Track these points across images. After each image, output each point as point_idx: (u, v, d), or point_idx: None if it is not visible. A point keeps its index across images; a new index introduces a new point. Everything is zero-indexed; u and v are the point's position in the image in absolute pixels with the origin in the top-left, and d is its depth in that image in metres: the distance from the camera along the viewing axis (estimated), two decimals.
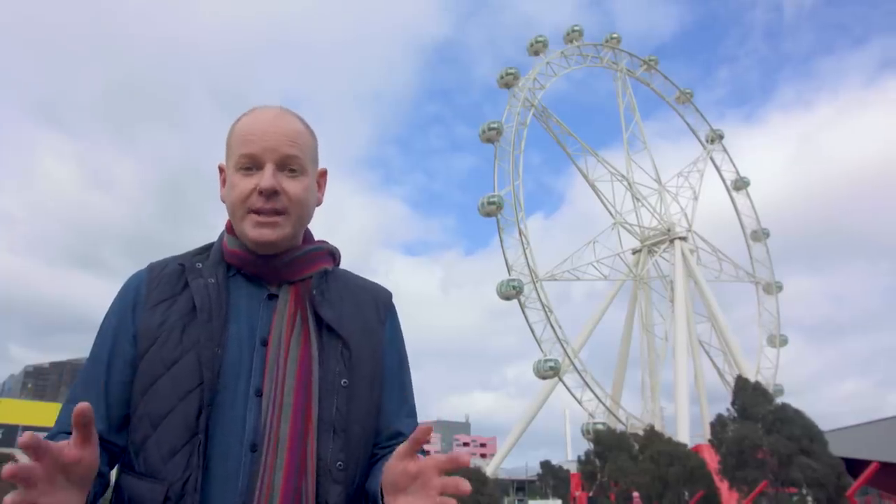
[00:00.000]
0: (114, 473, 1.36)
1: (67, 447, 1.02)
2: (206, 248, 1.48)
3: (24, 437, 0.96)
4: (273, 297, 1.39)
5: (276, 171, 1.36)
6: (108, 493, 1.32)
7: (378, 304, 1.51)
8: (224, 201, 1.44)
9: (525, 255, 56.80)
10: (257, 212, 1.35)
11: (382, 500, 1.20)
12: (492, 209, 56.83)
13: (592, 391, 56.58)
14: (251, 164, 1.36)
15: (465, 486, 1.06)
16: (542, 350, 56.15)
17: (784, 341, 69.88)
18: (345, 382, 1.34)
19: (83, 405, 1.00)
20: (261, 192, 1.34)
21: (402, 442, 1.35)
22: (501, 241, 57.21)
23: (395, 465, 1.15)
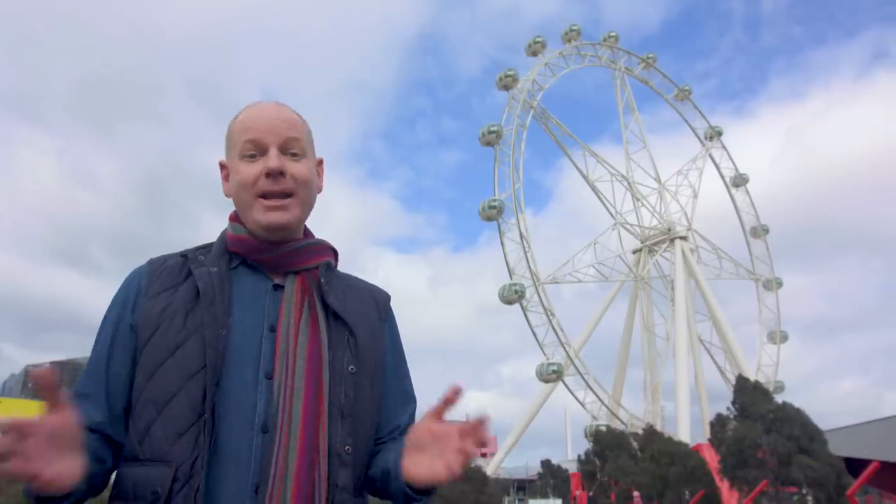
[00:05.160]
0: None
1: (42, 419, 1.04)
2: (208, 245, 1.50)
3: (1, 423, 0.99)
4: (279, 287, 1.41)
5: (279, 154, 1.40)
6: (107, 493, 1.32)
7: (378, 304, 1.56)
8: (228, 195, 1.48)
9: (527, 258, 56.67)
10: (265, 196, 1.39)
11: (402, 456, 1.25)
12: (492, 213, 56.56)
13: (595, 394, 56.51)
14: (255, 150, 1.40)
15: (479, 438, 1.14)
16: (544, 353, 56.06)
17: (784, 337, 69.89)
18: (352, 369, 1.37)
19: (43, 370, 1.05)
20: (268, 174, 1.38)
21: (400, 434, 1.45)
22: (503, 244, 56.97)
23: (422, 424, 1.20)
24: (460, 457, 1.16)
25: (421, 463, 1.22)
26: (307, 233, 1.54)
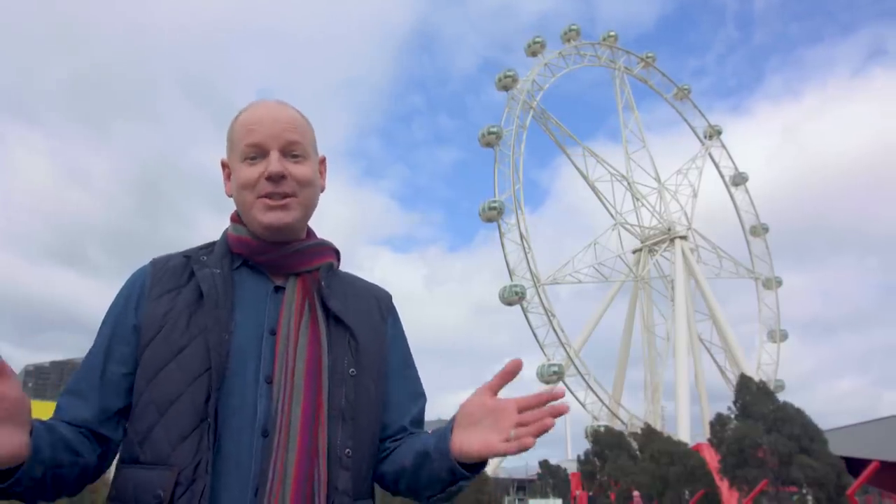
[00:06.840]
0: (111, 470, 1.34)
1: None
2: (211, 245, 1.50)
3: None
4: (280, 289, 1.41)
5: (281, 156, 1.39)
6: (107, 493, 1.31)
7: (380, 303, 1.56)
8: (229, 195, 1.48)
9: (527, 259, 56.65)
10: (267, 196, 1.38)
11: (452, 432, 1.24)
12: (493, 214, 56.58)
13: (596, 394, 56.59)
14: (256, 153, 1.39)
15: (554, 414, 1.10)
16: (545, 354, 56.08)
17: (784, 336, 70.01)
18: (353, 372, 1.36)
19: None
20: (269, 178, 1.37)
21: (407, 434, 1.46)
22: (503, 246, 56.99)
23: (474, 399, 1.19)
24: (526, 429, 1.13)
25: (473, 437, 1.19)
26: (310, 233, 1.53)
